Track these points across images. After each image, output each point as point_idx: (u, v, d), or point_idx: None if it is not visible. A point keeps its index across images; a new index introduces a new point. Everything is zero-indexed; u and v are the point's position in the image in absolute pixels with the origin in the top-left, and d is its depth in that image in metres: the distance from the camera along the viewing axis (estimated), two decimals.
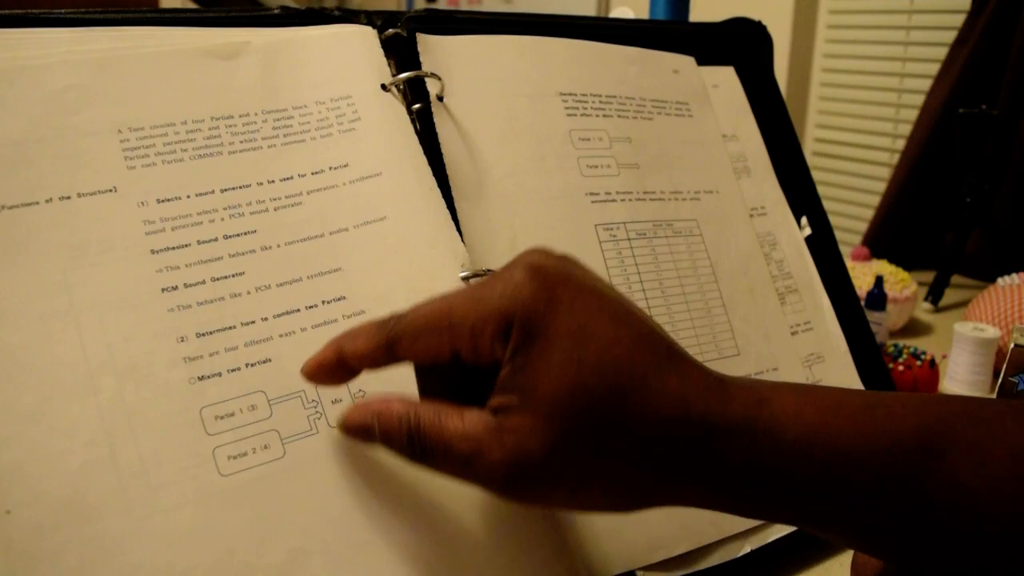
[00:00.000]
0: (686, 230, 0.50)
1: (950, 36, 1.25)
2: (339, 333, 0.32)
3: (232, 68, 0.41)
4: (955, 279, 1.06)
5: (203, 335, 0.34)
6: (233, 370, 0.34)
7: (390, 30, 0.45)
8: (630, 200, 0.49)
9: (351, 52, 0.44)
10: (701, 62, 0.57)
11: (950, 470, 0.27)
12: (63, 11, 0.38)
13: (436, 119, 0.44)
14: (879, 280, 0.81)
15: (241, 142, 0.39)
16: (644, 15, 0.80)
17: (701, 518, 0.42)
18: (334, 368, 0.32)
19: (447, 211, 0.41)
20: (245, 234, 0.37)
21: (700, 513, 0.42)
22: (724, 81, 0.59)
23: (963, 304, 0.98)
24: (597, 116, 0.50)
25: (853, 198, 1.72)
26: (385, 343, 0.31)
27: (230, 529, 0.32)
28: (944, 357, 0.75)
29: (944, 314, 0.97)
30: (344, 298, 0.38)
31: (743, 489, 0.28)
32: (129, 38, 0.39)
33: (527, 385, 0.27)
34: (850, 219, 1.69)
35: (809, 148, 1.79)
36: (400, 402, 0.31)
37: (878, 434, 0.27)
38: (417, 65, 0.45)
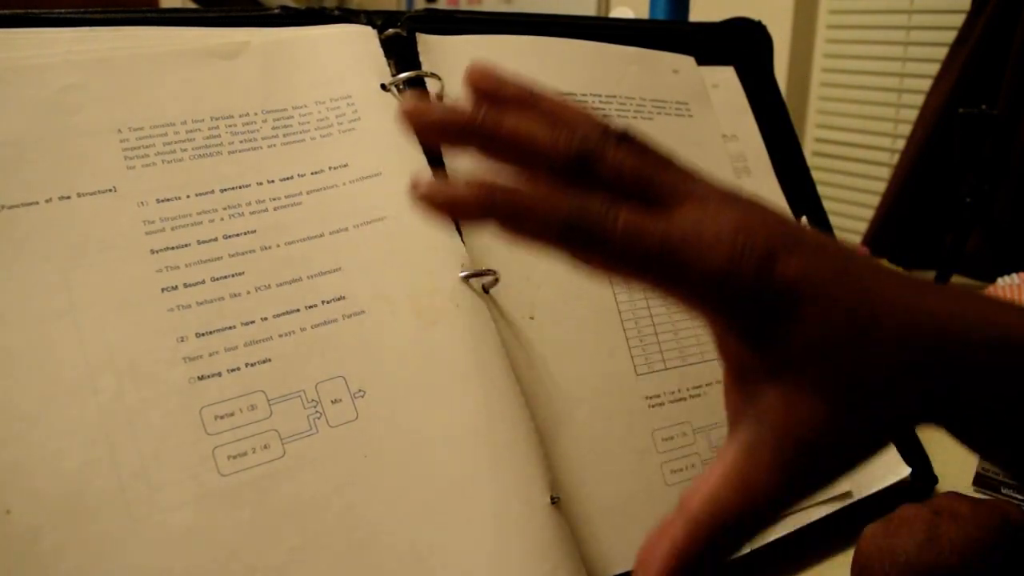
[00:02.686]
0: None
1: (950, 36, 1.25)
2: None
3: (232, 68, 0.41)
4: (955, 279, 1.06)
5: (203, 335, 0.34)
6: (233, 370, 0.34)
7: (390, 30, 0.45)
8: None
9: (351, 52, 0.44)
10: (701, 62, 0.57)
11: None
12: (63, 11, 0.38)
13: None
14: None
15: (241, 142, 0.39)
16: (644, 15, 0.80)
17: None
18: None
19: None
20: (245, 234, 0.37)
21: None
22: (724, 81, 0.59)
23: None
24: None
25: (853, 198, 1.72)
26: None
27: (230, 529, 0.32)
28: None
29: None
30: (344, 298, 0.38)
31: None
32: (129, 38, 0.39)
33: None
34: (850, 219, 1.69)
35: (809, 148, 1.79)
36: None
37: None
38: (417, 65, 0.45)
